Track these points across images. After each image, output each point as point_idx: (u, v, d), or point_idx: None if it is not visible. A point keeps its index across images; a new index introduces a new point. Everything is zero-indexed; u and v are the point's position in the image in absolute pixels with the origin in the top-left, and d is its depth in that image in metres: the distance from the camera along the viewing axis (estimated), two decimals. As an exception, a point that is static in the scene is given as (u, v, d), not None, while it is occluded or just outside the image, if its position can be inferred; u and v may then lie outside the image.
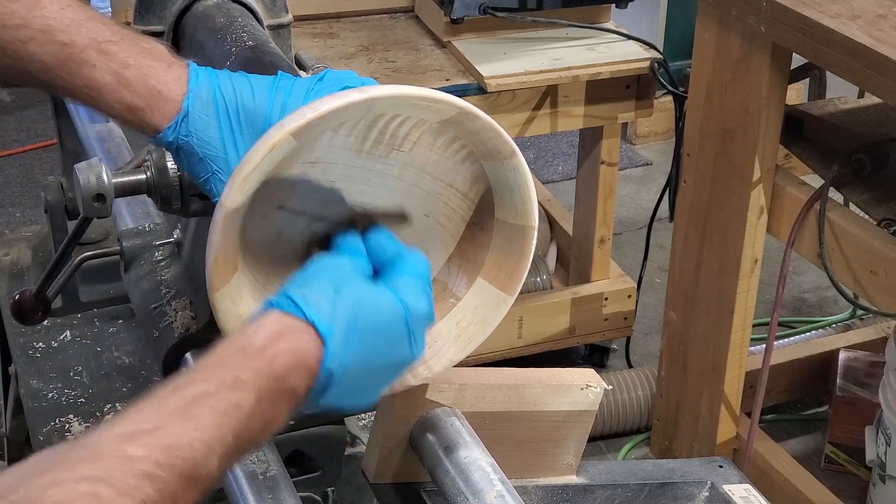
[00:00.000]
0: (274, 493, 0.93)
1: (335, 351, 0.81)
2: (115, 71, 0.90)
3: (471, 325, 0.97)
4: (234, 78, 0.92)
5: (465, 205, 0.93)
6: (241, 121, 0.90)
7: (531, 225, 0.92)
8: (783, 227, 2.01)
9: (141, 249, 1.21)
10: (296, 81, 0.92)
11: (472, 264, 0.96)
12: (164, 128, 0.90)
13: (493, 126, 0.87)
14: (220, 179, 0.90)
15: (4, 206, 3.44)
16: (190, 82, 0.91)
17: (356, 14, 2.60)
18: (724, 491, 1.19)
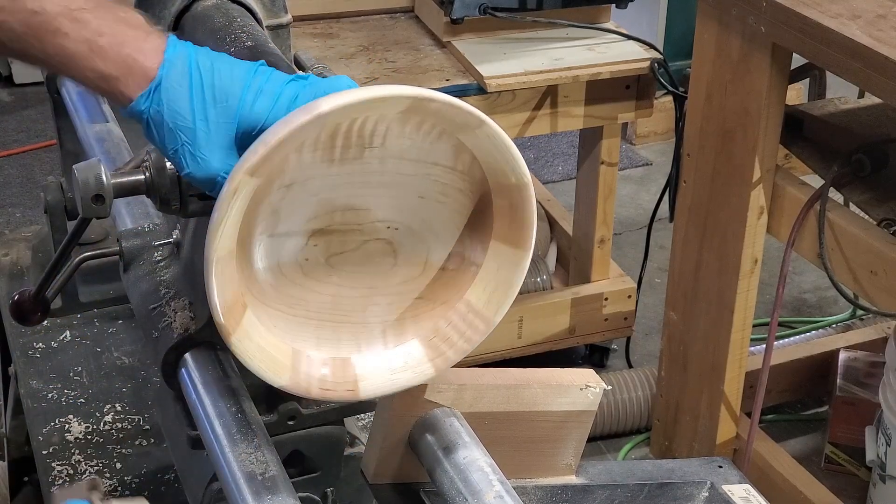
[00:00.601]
0: (273, 493, 0.92)
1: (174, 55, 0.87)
2: (88, 39, 0.89)
3: (497, 288, 0.96)
4: (214, 56, 0.91)
5: (455, 177, 0.93)
6: (216, 96, 0.89)
7: (524, 181, 0.91)
8: (783, 227, 2.01)
9: (140, 250, 1.21)
10: (274, 70, 0.92)
11: (483, 232, 0.96)
12: (136, 97, 0.89)
13: (453, 102, 0.86)
14: (189, 152, 0.89)
15: (4, 206, 3.44)
16: (167, 51, 0.90)
17: (356, 14, 2.60)
18: (724, 491, 1.19)
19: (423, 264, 0.97)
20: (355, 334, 0.98)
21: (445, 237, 0.96)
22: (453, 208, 0.95)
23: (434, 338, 0.98)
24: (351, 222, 0.94)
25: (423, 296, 0.98)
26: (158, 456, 1.50)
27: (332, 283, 0.96)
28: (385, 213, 0.93)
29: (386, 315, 0.98)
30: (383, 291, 0.97)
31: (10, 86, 4.13)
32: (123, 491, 1.47)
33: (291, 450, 1.11)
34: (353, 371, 0.97)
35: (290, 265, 0.94)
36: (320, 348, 0.97)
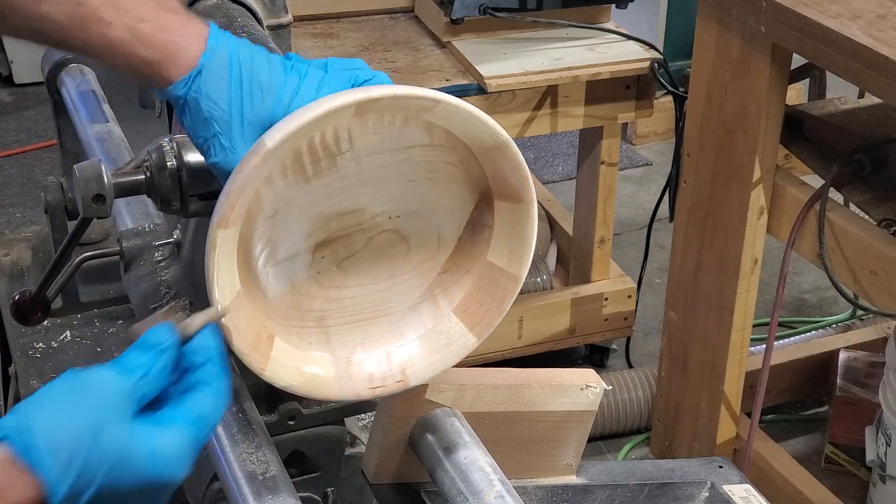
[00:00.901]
0: (273, 493, 0.92)
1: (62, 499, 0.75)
2: (130, 27, 0.89)
3: (514, 245, 0.96)
4: (255, 49, 0.91)
5: (436, 151, 0.92)
6: (253, 90, 0.89)
7: (502, 141, 0.90)
8: (783, 227, 2.01)
9: (141, 250, 1.21)
10: (310, 66, 0.91)
11: (486, 194, 0.95)
12: (176, 80, 0.89)
13: (398, 94, 0.86)
14: (219, 142, 0.89)
15: (5, 206, 3.44)
16: (210, 39, 0.90)
17: (356, 14, 2.60)
18: (724, 491, 1.19)
19: (436, 241, 0.97)
20: (390, 326, 0.98)
21: (450, 210, 0.96)
22: (446, 181, 0.94)
23: (468, 307, 0.98)
24: (350, 225, 0.94)
25: (447, 270, 0.98)
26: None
27: (351, 286, 0.96)
28: (380, 207, 0.93)
29: (414, 298, 0.98)
30: (405, 277, 0.97)
31: (10, 86, 4.13)
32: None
33: (292, 450, 1.11)
34: (398, 361, 0.97)
35: (304, 283, 0.94)
36: (361, 348, 0.98)
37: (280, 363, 0.92)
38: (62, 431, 0.76)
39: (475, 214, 0.96)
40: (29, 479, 0.74)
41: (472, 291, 0.98)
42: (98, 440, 0.77)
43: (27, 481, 0.74)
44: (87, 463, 0.76)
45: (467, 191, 0.95)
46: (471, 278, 0.98)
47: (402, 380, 0.97)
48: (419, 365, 0.98)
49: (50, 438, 0.76)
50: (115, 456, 0.78)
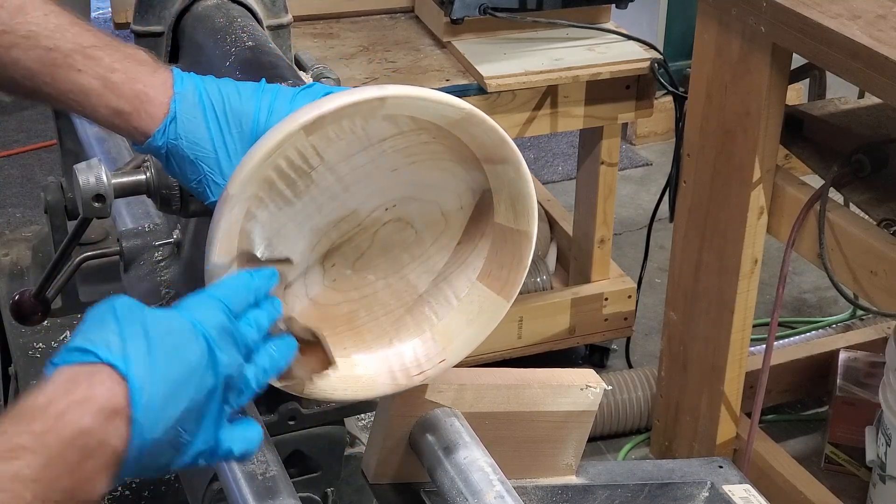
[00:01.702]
0: (273, 493, 0.93)
1: (142, 383, 0.73)
2: (101, 75, 0.90)
3: (515, 202, 0.95)
4: (220, 82, 0.92)
5: (409, 136, 0.91)
6: (230, 121, 0.89)
7: (465, 112, 0.89)
8: (783, 227, 2.01)
9: (141, 250, 1.21)
10: (280, 86, 0.92)
11: (475, 160, 0.95)
12: (152, 132, 0.90)
13: (342, 106, 0.85)
14: (212, 181, 0.90)
15: (4, 206, 3.44)
16: (175, 85, 0.90)
17: (356, 14, 2.60)
18: (724, 491, 1.19)
19: (441, 217, 0.97)
20: (419, 308, 0.99)
21: (443, 183, 0.95)
22: (430, 159, 0.93)
23: (491, 271, 0.98)
24: (349, 229, 0.94)
25: (461, 241, 0.98)
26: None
27: (371, 283, 0.97)
28: (373, 203, 0.93)
29: (437, 276, 0.98)
30: (422, 259, 0.98)
31: None
32: (124, 491, 1.47)
33: (292, 450, 1.11)
34: (436, 342, 0.98)
35: (323, 295, 0.95)
36: (397, 339, 0.98)
37: (320, 377, 0.93)
38: (101, 329, 0.75)
39: (472, 180, 0.95)
40: (99, 372, 0.73)
41: (491, 256, 0.98)
42: (137, 321, 0.76)
43: (96, 370, 0.73)
44: (139, 339, 0.75)
45: (454, 161, 0.94)
46: (486, 243, 0.98)
47: (445, 358, 0.98)
48: (458, 340, 0.98)
49: (89, 339, 0.74)
50: (159, 322, 0.77)
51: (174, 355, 0.76)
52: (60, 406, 0.70)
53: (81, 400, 0.71)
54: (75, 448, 0.70)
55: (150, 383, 0.73)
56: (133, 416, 0.73)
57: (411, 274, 0.98)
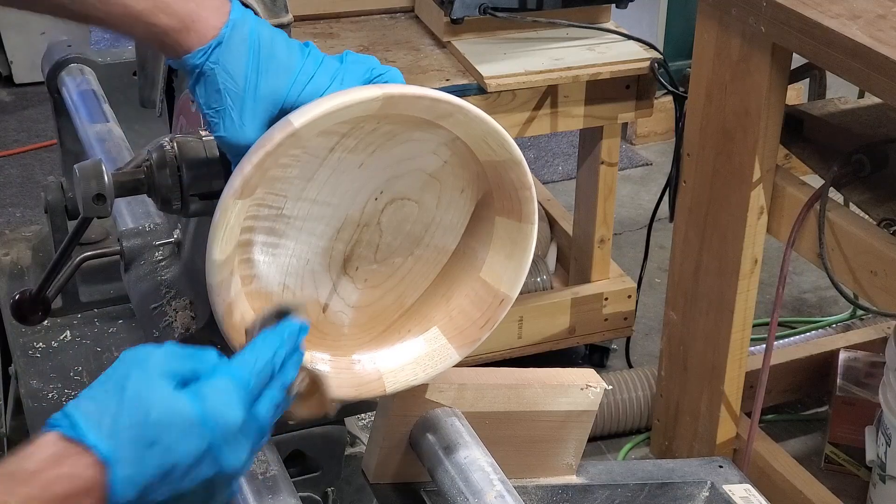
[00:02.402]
0: (274, 493, 0.93)
1: (124, 476, 0.74)
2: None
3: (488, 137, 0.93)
4: (274, 30, 0.91)
5: (354, 137, 0.91)
6: (269, 68, 0.88)
7: (443, 101, 0.88)
8: (783, 227, 2.01)
9: (141, 249, 1.21)
10: (325, 56, 0.91)
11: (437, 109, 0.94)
12: (194, 49, 0.89)
13: (271, 148, 0.85)
14: (230, 115, 0.89)
15: (4, 206, 3.44)
16: (232, 13, 0.90)
17: (356, 14, 2.60)
18: (724, 491, 1.19)
19: (431, 178, 0.96)
20: (460, 262, 0.99)
21: (414, 151, 0.94)
22: (387, 140, 0.92)
23: (503, 205, 0.97)
24: (352, 233, 0.94)
25: (464, 189, 0.97)
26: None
27: (400, 264, 0.98)
28: (360, 201, 0.93)
29: (464, 224, 0.98)
30: (435, 222, 0.97)
31: (10, 86, 4.12)
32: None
33: (292, 449, 1.11)
34: (489, 287, 0.98)
35: (362, 297, 0.97)
36: (452, 296, 0.99)
37: (392, 372, 0.95)
38: (103, 404, 0.76)
39: (438, 136, 0.93)
40: (85, 454, 0.74)
41: (497, 192, 0.97)
42: (139, 404, 0.76)
43: (81, 450, 0.74)
44: (134, 427, 0.75)
45: (411, 130, 0.92)
46: (486, 179, 0.96)
47: (503, 299, 0.97)
48: (506, 278, 0.97)
49: (84, 411, 0.75)
50: (162, 411, 0.76)
51: (167, 455, 0.76)
52: (49, 476, 0.73)
53: (67, 475, 0.74)
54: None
55: (131, 481, 0.75)
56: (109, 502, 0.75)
57: (433, 239, 0.97)
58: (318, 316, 0.95)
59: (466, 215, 0.97)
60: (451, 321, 0.98)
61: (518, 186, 0.94)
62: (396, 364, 0.98)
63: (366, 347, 0.98)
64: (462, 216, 0.97)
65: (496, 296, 0.98)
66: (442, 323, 0.99)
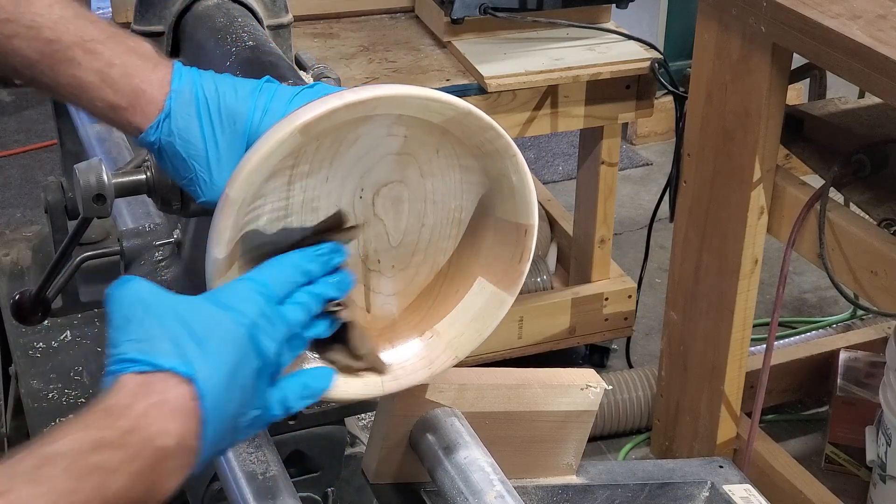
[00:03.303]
0: (274, 493, 0.93)
1: (205, 382, 0.75)
2: (99, 70, 0.90)
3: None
4: (219, 78, 0.91)
5: (325, 145, 0.90)
6: (223, 120, 0.89)
7: (356, 102, 0.87)
8: (783, 227, 2.01)
9: (141, 249, 1.21)
10: (279, 86, 0.91)
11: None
12: (146, 127, 0.90)
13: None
14: (203, 179, 0.89)
15: (5, 206, 3.44)
16: (173, 82, 0.90)
17: (356, 14, 2.60)
18: (725, 491, 1.19)
19: (402, 156, 0.94)
20: (484, 215, 0.98)
21: (369, 141, 0.92)
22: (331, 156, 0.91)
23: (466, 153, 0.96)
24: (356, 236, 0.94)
25: (440, 151, 0.96)
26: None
27: (416, 240, 0.97)
28: (345, 196, 0.93)
29: (462, 185, 0.97)
30: (431, 191, 0.96)
31: (10, 86, 4.12)
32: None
33: (292, 449, 1.11)
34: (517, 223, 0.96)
35: (397, 281, 0.97)
36: (482, 246, 0.98)
37: (457, 338, 0.96)
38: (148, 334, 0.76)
39: (383, 120, 0.91)
40: (165, 378, 0.74)
41: (469, 139, 0.94)
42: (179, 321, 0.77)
43: (162, 377, 0.74)
44: (190, 341, 0.76)
45: (357, 123, 0.90)
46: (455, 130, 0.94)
47: (527, 228, 0.96)
48: (520, 210, 0.96)
49: (142, 346, 0.76)
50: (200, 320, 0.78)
51: (224, 349, 0.77)
52: (141, 407, 0.73)
53: (158, 403, 0.73)
54: (156, 447, 0.73)
55: (211, 382, 0.75)
56: (203, 416, 0.75)
57: (436, 204, 0.96)
58: (366, 319, 0.95)
59: (456, 170, 0.96)
60: (490, 268, 0.98)
61: (485, 128, 0.91)
62: (458, 329, 0.97)
63: (423, 325, 0.98)
64: (452, 174, 0.95)
65: (518, 228, 0.97)
66: (483, 272, 0.98)
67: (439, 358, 0.97)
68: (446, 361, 0.97)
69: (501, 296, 0.97)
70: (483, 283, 0.98)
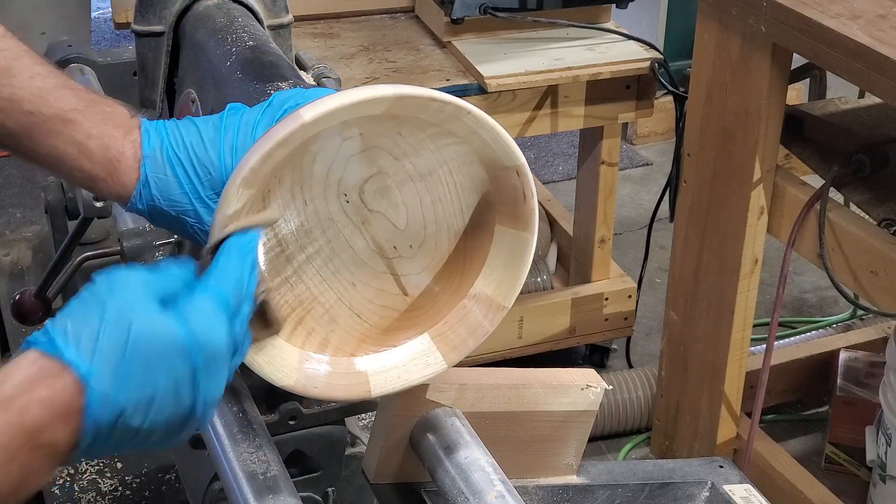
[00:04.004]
0: (274, 493, 0.92)
1: (102, 396, 0.74)
2: (78, 142, 0.91)
3: None
4: (184, 129, 0.92)
5: (287, 172, 0.91)
6: (199, 172, 0.90)
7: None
8: (783, 227, 2.01)
9: (141, 250, 1.21)
10: (243, 115, 0.92)
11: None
12: (128, 197, 0.91)
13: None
14: (199, 230, 0.91)
15: (5, 206, 3.44)
16: (143, 147, 0.91)
17: (356, 14, 2.60)
18: (725, 491, 1.19)
19: (372, 150, 0.94)
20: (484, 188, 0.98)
21: (327, 151, 0.92)
22: (306, 172, 0.92)
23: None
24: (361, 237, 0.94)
25: (402, 132, 0.95)
26: (159, 455, 1.50)
27: (423, 221, 0.97)
28: (339, 218, 0.93)
29: (444, 161, 0.96)
30: (419, 172, 0.96)
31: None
32: (124, 491, 1.47)
33: (293, 449, 1.11)
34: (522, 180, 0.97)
35: (430, 264, 0.98)
36: (494, 201, 0.98)
37: (497, 293, 0.96)
38: (83, 322, 0.75)
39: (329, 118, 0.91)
40: (60, 367, 0.74)
41: (427, 113, 0.94)
42: (121, 323, 0.76)
43: (61, 370, 0.74)
44: (116, 346, 0.75)
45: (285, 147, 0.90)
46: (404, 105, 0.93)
47: (518, 169, 0.95)
48: (504, 155, 0.95)
49: (66, 329, 0.75)
50: (146, 332, 0.76)
51: (148, 377, 0.76)
52: (24, 401, 0.73)
53: (44, 399, 0.73)
54: (27, 447, 0.72)
55: (108, 401, 0.75)
56: (84, 426, 0.75)
57: (431, 177, 0.96)
58: (406, 302, 0.96)
59: (426, 142, 0.94)
60: (501, 213, 0.98)
61: (425, 102, 0.91)
62: (496, 279, 0.98)
63: (463, 287, 0.98)
64: (424, 146, 0.94)
65: (510, 171, 0.95)
66: (499, 220, 0.98)
67: (489, 314, 0.98)
68: (496, 314, 0.97)
69: (522, 236, 0.97)
70: (502, 229, 0.98)
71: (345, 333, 0.97)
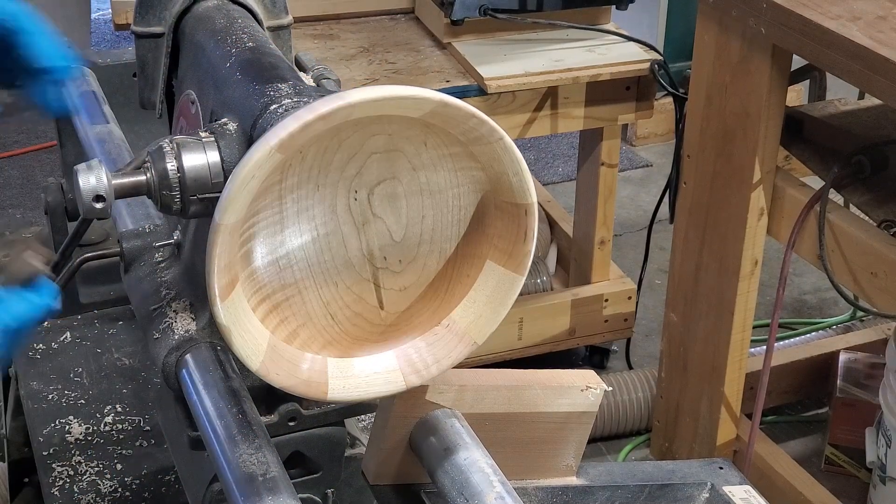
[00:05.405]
0: (274, 494, 0.92)
1: None
2: None
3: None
4: None
5: (310, 156, 0.91)
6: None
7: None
8: (783, 228, 2.01)
9: (141, 251, 1.21)
10: None
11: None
12: None
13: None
14: None
15: (5, 207, 3.44)
16: None
17: (356, 15, 2.60)
18: (725, 492, 1.20)
19: (376, 152, 0.94)
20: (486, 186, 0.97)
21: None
22: (327, 159, 0.92)
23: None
24: (357, 237, 0.94)
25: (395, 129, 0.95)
26: (159, 457, 1.50)
27: (426, 229, 0.97)
28: (343, 213, 0.93)
29: (458, 157, 0.96)
30: (429, 168, 0.95)
31: (10, 88, 4.12)
32: (124, 492, 1.47)
33: (292, 451, 1.11)
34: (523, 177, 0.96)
35: (414, 284, 0.97)
36: (496, 197, 0.98)
37: (476, 322, 0.96)
38: None
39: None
40: None
41: (450, 125, 0.93)
42: None
43: None
44: None
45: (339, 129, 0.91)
46: (436, 119, 0.93)
47: (526, 208, 0.95)
48: (517, 189, 0.95)
49: None
50: None
51: None
52: None
53: None
54: None
55: None
56: None
57: (439, 196, 0.96)
58: (380, 316, 0.96)
59: (447, 159, 0.94)
60: (496, 250, 0.97)
61: (466, 116, 0.90)
62: (474, 313, 0.97)
63: (440, 313, 0.98)
64: (443, 163, 0.94)
65: (518, 208, 0.96)
66: (490, 255, 0.98)
67: (458, 346, 0.97)
68: (466, 348, 0.97)
69: (511, 276, 0.97)
70: (492, 265, 0.98)
71: (315, 332, 0.97)
